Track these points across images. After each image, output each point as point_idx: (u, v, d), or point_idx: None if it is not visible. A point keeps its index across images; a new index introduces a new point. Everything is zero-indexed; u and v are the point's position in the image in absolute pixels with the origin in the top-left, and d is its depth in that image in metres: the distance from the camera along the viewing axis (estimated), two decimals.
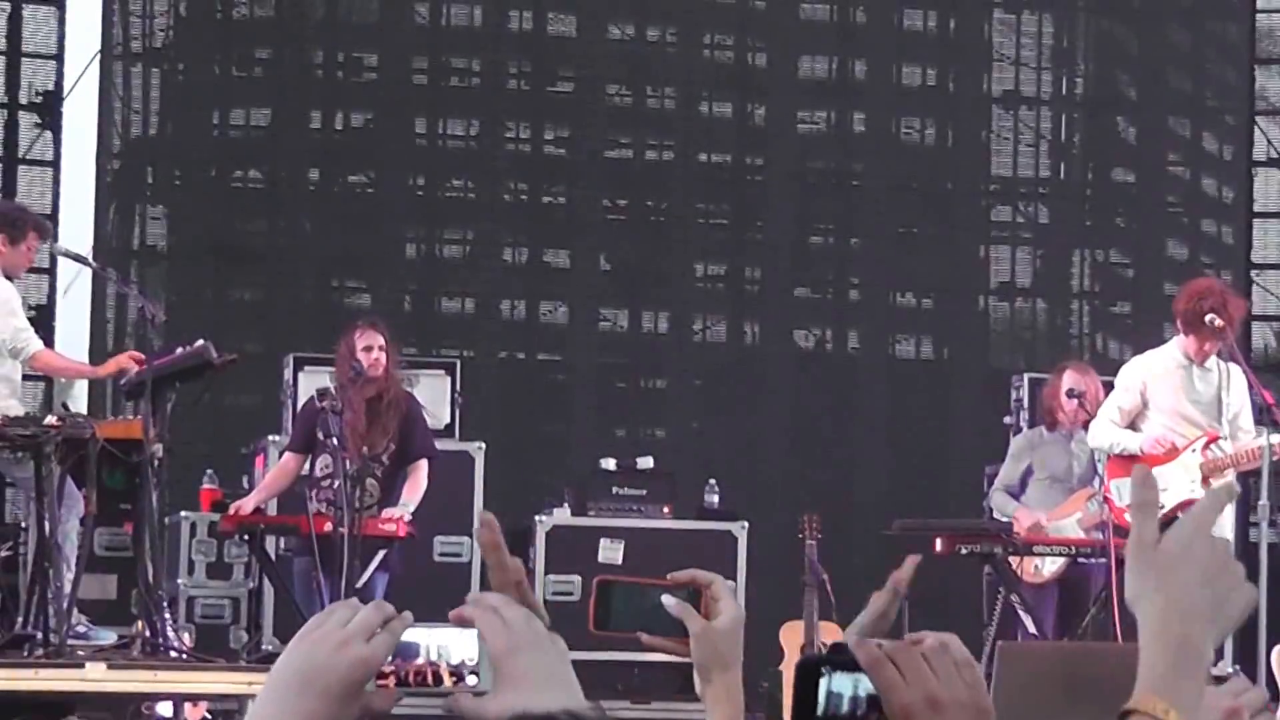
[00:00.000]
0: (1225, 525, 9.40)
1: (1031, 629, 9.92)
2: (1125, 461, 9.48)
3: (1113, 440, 9.50)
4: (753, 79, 14.01)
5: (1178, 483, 9.27)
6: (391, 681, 2.17)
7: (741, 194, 13.94)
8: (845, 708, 1.99)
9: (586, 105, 13.77)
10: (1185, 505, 9.15)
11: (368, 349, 9.66)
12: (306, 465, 9.82)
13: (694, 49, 13.93)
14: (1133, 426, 9.57)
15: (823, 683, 2.00)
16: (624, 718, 10.16)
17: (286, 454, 10.01)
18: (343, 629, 2.07)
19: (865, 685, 1.99)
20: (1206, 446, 9.36)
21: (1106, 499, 9.57)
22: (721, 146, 13.91)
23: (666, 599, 2.68)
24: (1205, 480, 9.33)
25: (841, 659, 2.00)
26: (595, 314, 13.81)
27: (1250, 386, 9.86)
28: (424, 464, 9.73)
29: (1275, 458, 9.29)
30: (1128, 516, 8.32)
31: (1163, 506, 8.44)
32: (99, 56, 13.22)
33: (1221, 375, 9.35)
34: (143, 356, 9.42)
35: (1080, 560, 9.81)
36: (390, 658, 2.10)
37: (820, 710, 2.00)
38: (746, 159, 13.94)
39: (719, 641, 2.76)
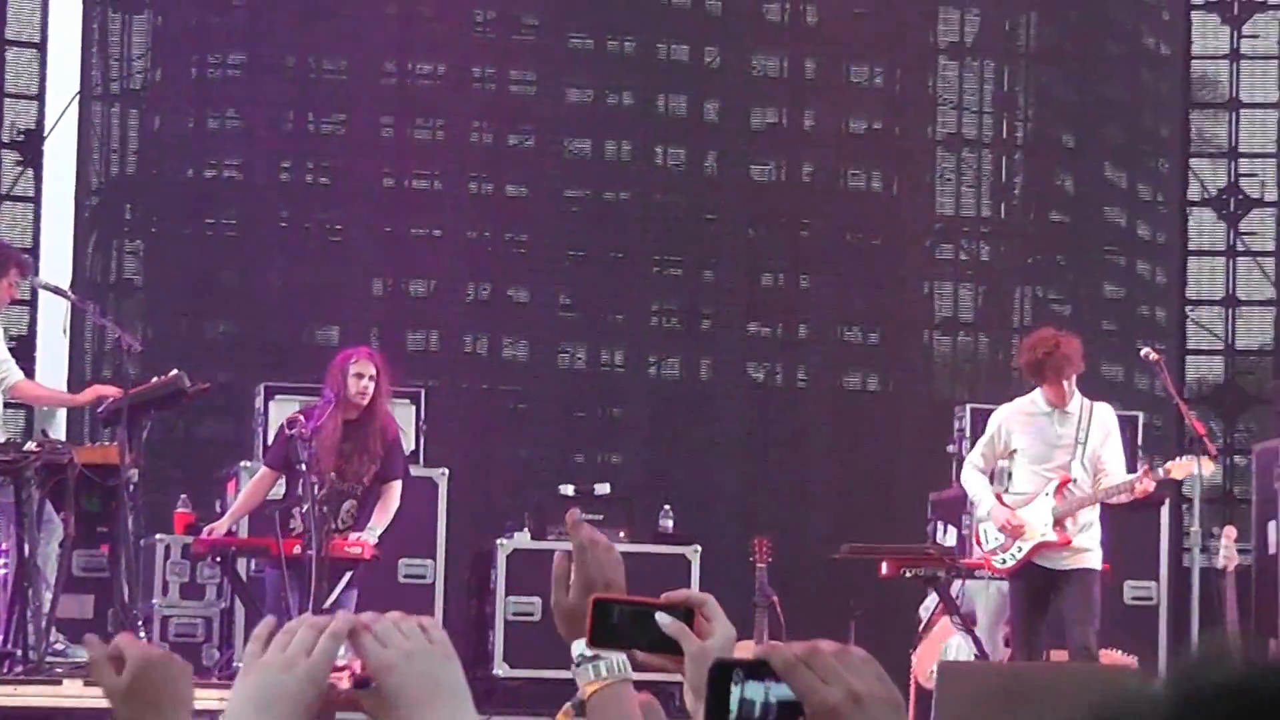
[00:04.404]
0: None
1: (972, 648, 10.13)
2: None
3: (976, 494, 9.61)
4: (706, 129, 14.09)
5: (1031, 527, 9.39)
6: (345, 676, 2.36)
7: (696, 237, 14.05)
8: (757, 713, 1.94)
9: (547, 153, 13.85)
10: (1040, 548, 9.32)
11: (359, 376, 9.83)
12: (283, 488, 10.00)
13: (649, 102, 14.03)
14: (1001, 470, 9.68)
15: (734, 690, 1.96)
16: None
17: (264, 468, 10.21)
18: (284, 652, 2.15)
19: (776, 692, 1.94)
20: (1059, 490, 9.43)
21: (976, 540, 9.69)
22: (676, 191, 14.02)
23: (661, 617, 2.65)
24: (1059, 523, 9.39)
25: (753, 666, 1.96)
26: (554, 349, 13.90)
27: (1182, 419, 10.00)
28: (397, 485, 9.94)
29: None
30: (994, 561, 8.74)
31: (1020, 550, 9.13)
32: (78, 97, 13.33)
33: (1083, 417, 9.47)
34: (119, 390, 9.61)
35: None
36: (344, 655, 2.21)
37: (733, 716, 1.95)
38: (701, 203, 14.06)
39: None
